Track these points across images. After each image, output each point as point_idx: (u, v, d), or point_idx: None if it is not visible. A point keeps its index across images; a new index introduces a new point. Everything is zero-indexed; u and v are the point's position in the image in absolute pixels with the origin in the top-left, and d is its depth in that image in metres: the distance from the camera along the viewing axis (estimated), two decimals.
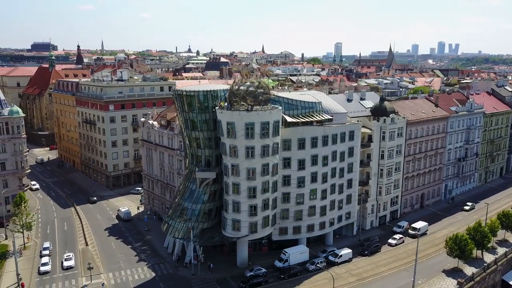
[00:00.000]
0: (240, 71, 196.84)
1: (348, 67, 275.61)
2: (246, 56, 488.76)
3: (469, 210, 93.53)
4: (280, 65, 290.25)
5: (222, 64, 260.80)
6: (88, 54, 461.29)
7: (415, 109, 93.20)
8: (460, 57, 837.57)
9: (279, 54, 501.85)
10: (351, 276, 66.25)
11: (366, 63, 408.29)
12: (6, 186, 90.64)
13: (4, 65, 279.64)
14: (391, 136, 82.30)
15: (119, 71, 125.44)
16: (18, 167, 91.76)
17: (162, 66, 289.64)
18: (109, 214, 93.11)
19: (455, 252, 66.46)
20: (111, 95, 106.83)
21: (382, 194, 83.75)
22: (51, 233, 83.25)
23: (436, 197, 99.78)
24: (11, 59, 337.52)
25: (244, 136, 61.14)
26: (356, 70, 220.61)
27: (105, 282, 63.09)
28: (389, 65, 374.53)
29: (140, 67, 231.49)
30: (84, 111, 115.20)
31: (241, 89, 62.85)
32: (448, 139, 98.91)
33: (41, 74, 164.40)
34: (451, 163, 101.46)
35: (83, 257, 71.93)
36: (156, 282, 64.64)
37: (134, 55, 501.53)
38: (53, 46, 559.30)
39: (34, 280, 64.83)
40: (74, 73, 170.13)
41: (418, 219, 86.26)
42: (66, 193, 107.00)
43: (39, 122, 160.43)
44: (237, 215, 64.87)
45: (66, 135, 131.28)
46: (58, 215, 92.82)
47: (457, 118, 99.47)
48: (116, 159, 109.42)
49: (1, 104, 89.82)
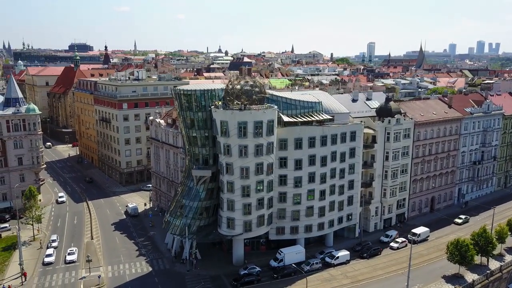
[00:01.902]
0: (260, 71, 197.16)
1: (373, 67, 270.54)
2: (274, 56, 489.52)
3: (461, 224, 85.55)
4: (304, 65, 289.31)
5: (245, 64, 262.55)
6: (121, 55, 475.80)
7: (426, 110, 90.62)
8: (501, 56, 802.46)
9: (307, 54, 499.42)
10: (345, 278, 65.36)
11: (396, 63, 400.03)
12: (23, 180, 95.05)
13: (39, 65, 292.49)
14: (397, 137, 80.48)
15: (136, 70, 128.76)
16: (34, 162, 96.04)
17: (187, 66, 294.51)
18: (119, 209, 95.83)
19: (456, 258, 64.27)
20: (125, 94, 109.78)
21: (387, 196, 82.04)
22: (61, 226, 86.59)
23: (448, 201, 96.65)
24: (45, 59, 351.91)
25: (237, 135, 61.59)
26: (379, 70, 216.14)
27: (101, 275, 65.05)
28: (420, 65, 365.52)
29: (164, 66, 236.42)
30: (101, 109, 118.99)
31: (236, 88, 63.30)
32: (462, 141, 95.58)
33: (67, 73, 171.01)
34: (466, 166, 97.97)
35: (87, 250, 74.46)
36: (151, 276, 66.10)
37: (165, 55, 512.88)
38: (89, 46, 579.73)
39: (38, 270, 67.75)
40: (99, 73, 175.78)
41: (424, 223, 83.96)
42: (81, 188, 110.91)
43: (63, 119, 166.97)
44: (232, 213, 65.39)
45: (85, 133, 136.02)
46: (71, 209, 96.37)
47: (472, 119, 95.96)
48: (129, 156, 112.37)
49: (19, 101, 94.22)
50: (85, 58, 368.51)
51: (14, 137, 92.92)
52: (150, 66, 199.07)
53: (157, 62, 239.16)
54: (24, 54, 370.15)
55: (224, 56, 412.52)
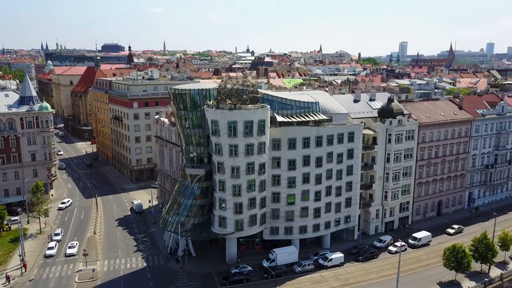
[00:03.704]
0: (276, 70, 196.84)
1: (395, 67, 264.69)
2: (300, 56, 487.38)
3: (453, 234, 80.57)
4: (327, 64, 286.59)
5: (266, 64, 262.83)
6: (150, 54, 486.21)
7: (433, 111, 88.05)
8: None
9: (334, 54, 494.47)
10: (336, 281, 64.56)
11: (424, 63, 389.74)
12: (36, 175, 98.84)
13: (69, 64, 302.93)
14: (398, 139, 78.64)
15: (149, 70, 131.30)
16: (46, 158, 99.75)
17: (210, 66, 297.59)
18: (125, 206, 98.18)
19: (452, 264, 62.31)
20: (136, 93, 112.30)
21: (388, 199, 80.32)
22: (68, 220, 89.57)
23: (457, 206, 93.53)
24: (75, 59, 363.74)
25: (227, 134, 61.97)
26: (400, 71, 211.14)
27: (96, 268, 66.93)
28: (449, 65, 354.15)
29: (186, 66, 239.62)
30: (114, 108, 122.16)
31: (227, 87, 63.68)
32: (473, 144, 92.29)
33: (88, 73, 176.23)
34: (477, 169, 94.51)
35: (88, 244, 76.77)
36: (144, 272, 67.49)
37: (192, 55, 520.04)
38: (121, 47, 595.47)
39: (39, 262, 70.48)
40: (121, 72, 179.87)
41: (429, 228, 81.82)
42: (93, 184, 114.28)
43: (84, 117, 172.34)
44: (223, 212, 65.86)
45: (101, 130, 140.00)
46: (80, 204, 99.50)
47: (484, 121, 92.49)
48: (139, 154, 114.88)
49: (32, 100, 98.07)
50: (112, 58, 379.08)
51: (27, 133, 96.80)
52: (168, 66, 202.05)
53: (179, 62, 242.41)
54: (55, 55, 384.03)
55: (248, 56, 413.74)
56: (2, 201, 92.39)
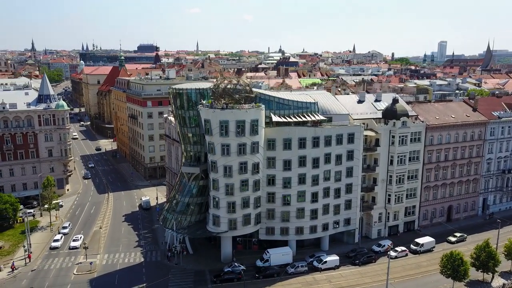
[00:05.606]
0: (297, 70, 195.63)
1: (421, 67, 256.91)
2: (331, 56, 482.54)
3: (455, 243, 76.72)
4: (354, 65, 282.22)
5: (291, 64, 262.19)
6: (183, 55, 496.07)
7: (444, 112, 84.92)
8: None
9: (366, 54, 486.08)
10: (328, 284, 63.63)
11: (459, 63, 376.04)
12: (52, 170, 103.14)
13: (102, 64, 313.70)
14: (403, 141, 76.46)
15: (166, 70, 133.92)
16: (62, 154, 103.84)
17: (237, 66, 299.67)
18: (135, 202, 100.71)
19: (448, 272, 59.97)
20: (149, 92, 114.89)
21: (391, 203, 78.23)
22: (78, 214, 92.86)
23: (469, 212, 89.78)
24: (107, 59, 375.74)
25: (219, 134, 62.42)
26: (425, 71, 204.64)
27: (94, 261, 69.07)
28: (486, 65, 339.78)
29: (211, 66, 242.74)
30: (131, 106, 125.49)
31: (220, 87, 64.12)
32: (488, 148, 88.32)
33: (113, 73, 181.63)
34: (492, 174, 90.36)
35: (92, 238, 79.35)
36: (140, 267, 69.04)
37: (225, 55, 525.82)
38: (156, 47, 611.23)
39: (43, 253, 73.58)
40: (146, 72, 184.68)
41: (437, 233, 79.10)
42: (108, 180, 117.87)
43: (108, 116, 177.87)
44: (217, 211, 66.35)
45: (120, 128, 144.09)
46: (92, 199, 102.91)
47: (500, 124, 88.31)
48: (152, 152, 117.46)
49: (50, 98, 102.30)
50: (143, 58, 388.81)
51: (45, 130, 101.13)
52: (191, 66, 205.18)
53: (204, 62, 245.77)
54: (89, 55, 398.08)
55: (275, 56, 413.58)
56: (20, 194, 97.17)
